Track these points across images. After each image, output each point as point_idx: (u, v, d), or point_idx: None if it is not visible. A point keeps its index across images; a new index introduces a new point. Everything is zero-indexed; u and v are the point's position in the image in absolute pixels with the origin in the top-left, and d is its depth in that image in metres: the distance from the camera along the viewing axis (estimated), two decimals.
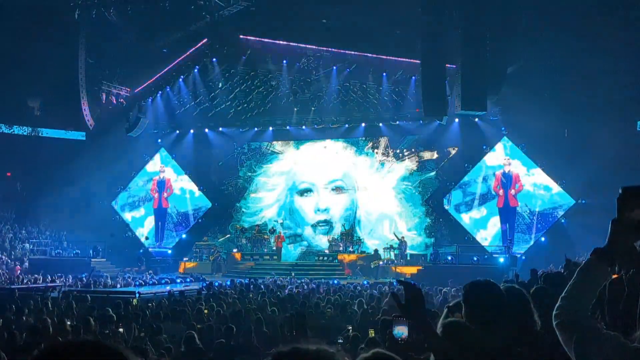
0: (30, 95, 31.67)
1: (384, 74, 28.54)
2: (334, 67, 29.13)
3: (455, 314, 3.24)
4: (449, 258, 25.63)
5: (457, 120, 27.60)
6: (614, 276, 3.36)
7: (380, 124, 29.52)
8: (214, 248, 29.42)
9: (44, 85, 29.77)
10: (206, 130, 32.10)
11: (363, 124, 29.81)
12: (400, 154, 29.57)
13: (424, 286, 17.62)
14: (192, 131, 32.40)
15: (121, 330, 8.29)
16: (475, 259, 24.76)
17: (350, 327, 8.82)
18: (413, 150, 29.38)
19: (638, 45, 22.21)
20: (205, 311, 10.83)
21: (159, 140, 33.22)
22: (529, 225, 26.96)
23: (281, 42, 29.21)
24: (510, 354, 2.59)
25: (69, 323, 9.27)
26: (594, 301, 2.22)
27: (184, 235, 32.20)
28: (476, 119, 27.36)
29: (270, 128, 31.18)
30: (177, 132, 32.83)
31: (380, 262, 25.92)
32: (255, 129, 31.48)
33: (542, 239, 26.38)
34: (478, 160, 28.02)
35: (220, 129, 31.98)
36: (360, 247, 27.29)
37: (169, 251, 31.64)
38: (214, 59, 30.79)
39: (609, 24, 22.96)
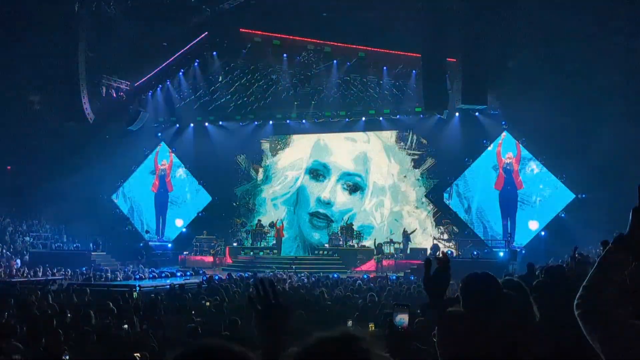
0: (30, 89, 31.63)
1: (385, 67, 28.50)
2: (334, 61, 29.08)
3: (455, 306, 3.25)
4: (449, 252, 25.66)
5: (457, 114, 27.57)
6: None
7: (381, 118, 29.45)
8: (215, 241, 29.48)
9: (44, 79, 29.74)
10: (206, 124, 32.07)
11: (363, 118, 29.73)
12: (407, 148, 29.58)
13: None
14: (192, 125, 32.37)
15: (126, 326, 8.32)
16: (475, 253, 24.80)
17: (351, 321, 8.83)
18: (414, 144, 29.39)
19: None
20: (207, 303, 10.85)
21: (159, 134, 33.22)
22: (529, 219, 26.98)
23: (282, 35, 29.16)
24: (508, 345, 2.60)
25: (69, 316, 9.31)
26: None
27: (184, 229, 32.24)
28: (477, 113, 27.31)
29: (270, 122, 31.16)
30: (177, 125, 32.81)
31: (382, 256, 25.95)
32: (255, 122, 31.44)
33: (542, 233, 26.41)
34: (478, 155, 27.99)
35: (220, 122, 31.95)
36: (360, 241, 27.30)
37: (169, 245, 31.69)
38: (214, 53, 30.77)
39: (610, 17, 22.93)
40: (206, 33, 30.54)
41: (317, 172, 30.61)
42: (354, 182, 30.00)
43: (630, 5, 22.75)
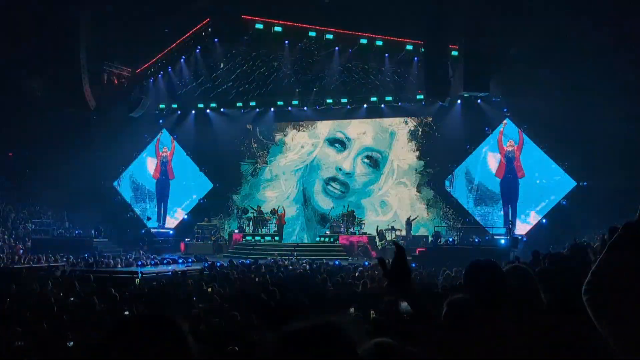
0: (32, 76, 31.56)
1: (386, 54, 28.40)
2: (336, 48, 28.98)
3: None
4: (450, 239, 25.70)
5: (459, 101, 27.49)
6: None
7: (382, 105, 29.38)
8: (215, 228, 29.54)
9: (45, 65, 29.66)
10: (208, 110, 32.02)
11: (365, 105, 29.65)
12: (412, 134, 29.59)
13: (425, 268, 17.73)
14: (193, 112, 32.32)
15: (127, 313, 8.37)
16: (476, 240, 24.82)
17: (353, 309, 8.86)
18: (417, 131, 29.38)
19: None
20: (209, 289, 10.90)
21: (161, 121, 33.17)
22: (530, 206, 26.98)
23: (283, 22, 29.05)
24: (515, 331, 2.61)
25: (72, 302, 9.36)
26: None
27: (185, 216, 32.29)
28: (478, 100, 27.24)
29: (272, 109, 31.09)
30: (179, 112, 32.76)
31: (385, 242, 25.99)
32: (257, 110, 31.38)
33: (543, 220, 26.42)
34: (480, 142, 27.94)
35: (222, 109, 31.90)
36: (362, 228, 27.31)
37: (171, 232, 31.76)
38: (216, 39, 30.67)
39: (611, 3, 22.81)
40: (208, 19, 30.44)
41: (337, 141, 30.58)
42: (374, 157, 29.97)
43: None
